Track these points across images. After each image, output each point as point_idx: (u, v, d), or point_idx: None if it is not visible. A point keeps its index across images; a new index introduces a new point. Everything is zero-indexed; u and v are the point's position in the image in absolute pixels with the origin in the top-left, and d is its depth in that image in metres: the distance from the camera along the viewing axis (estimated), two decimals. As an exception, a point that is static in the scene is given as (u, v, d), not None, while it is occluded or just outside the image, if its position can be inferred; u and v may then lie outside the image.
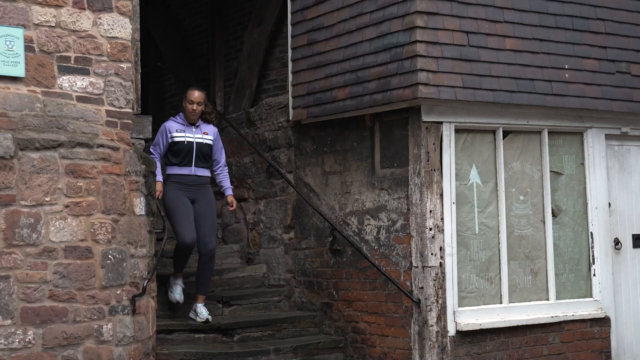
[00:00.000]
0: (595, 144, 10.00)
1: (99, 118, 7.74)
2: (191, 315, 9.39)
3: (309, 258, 10.25)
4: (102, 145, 7.55)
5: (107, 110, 7.82)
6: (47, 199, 7.25)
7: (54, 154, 7.31)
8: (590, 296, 9.91)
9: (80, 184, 7.40)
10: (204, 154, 9.38)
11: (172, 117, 9.47)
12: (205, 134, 9.42)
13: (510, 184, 9.52)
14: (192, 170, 9.32)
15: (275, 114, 10.71)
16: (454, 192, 9.05)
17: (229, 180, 9.68)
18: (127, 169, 7.74)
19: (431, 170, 8.91)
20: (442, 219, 8.94)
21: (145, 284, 7.90)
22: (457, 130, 9.15)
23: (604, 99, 9.82)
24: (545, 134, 9.70)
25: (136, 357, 7.74)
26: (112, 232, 7.55)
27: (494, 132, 9.43)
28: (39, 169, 7.24)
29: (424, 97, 8.72)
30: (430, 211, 8.88)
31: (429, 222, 8.87)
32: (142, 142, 8.36)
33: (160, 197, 9.04)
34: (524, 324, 9.34)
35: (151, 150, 9.31)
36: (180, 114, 9.46)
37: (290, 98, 10.33)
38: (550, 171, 9.76)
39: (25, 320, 7.13)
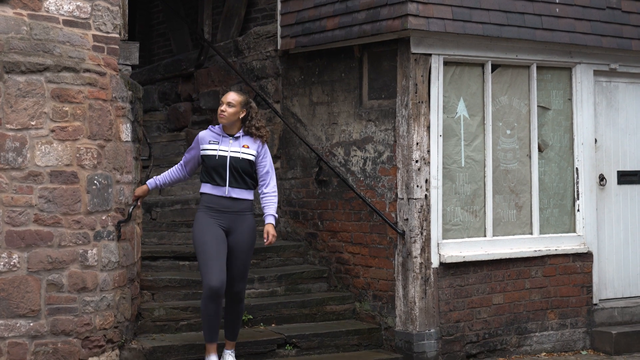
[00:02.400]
0: (583, 80, 9.99)
1: (86, 42, 7.67)
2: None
3: (295, 188, 10.27)
4: (88, 70, 7.50)
5: (94, 35, 7.74)
6: (33, 123, 7.21)
7: (40, 78, 7.26)
8: (574, 231, 9.97)
9: (66, 108, 7.36)
10: (242, 172, 7.77)
11: (210, 126, 7.98)
12: (246, 147, 7.80)
13: (498, 117, 9.51)
14: (226, 191, 7.73)
15: (263, 43, 10.64)
16: (441, 125, 9.04)
17: (274, 207, 7.90)
18: (113, 95, 7.69)
19: (419, 102, 8.90)
20: (428, 151, 8.94)
21: (130, 210, 7.91)
22: (445, 63, 9.11)
23: (593, 34, 9.78)
24: (534, 68, 9.67)
25: (121, 282, 7.77)
26: (98, 158, 7.53)
27: (482, 65, 9.40)
28: (24, 92, 7.19)
29: (413, 29, 8.67)
30: (417, 143, 8.88)
31: (415, 155, 8.88)
32: (129, 68, 8.30)
33: (134, 201, 7.98)
34: (507, 257, 9.40)
35: (185, 155, 8.06)
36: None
37: (279, 27, 10.26)
38: (538, 106, 9.76)
39: (10, 243, 7.14)
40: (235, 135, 7.85)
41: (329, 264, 9.76)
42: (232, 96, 7.84)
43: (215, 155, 7.75)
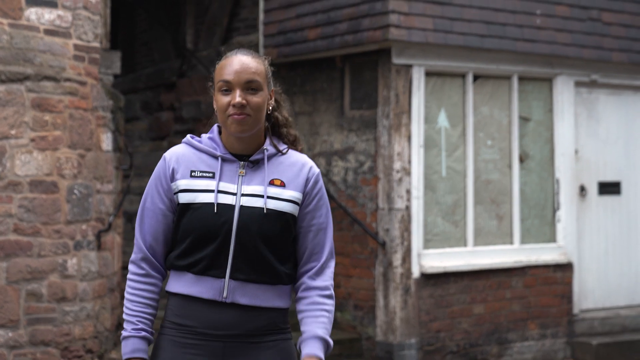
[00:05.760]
0: (564, 91, 10.03)
1: (67, 52, 7.66)
2: None
3: (276, 198, 10.25)
4: (69, 80, 7.49)
5: (74, 44, 7.74)
6: (13, 132, 7.20)
7: (21, 87, 7.25)
8: (554, 242, 10.00)
9: (47, 117, 7.35)
10: (266, 244, 3.46)
11: (189, 137, 3.71)
12: (277, 184, 3.58)
13: (479, 128, 9.54)
14: (224, 290, 3.41)
15: (245, 52, 10.63)
16: (422, 135, 9.06)
17: (326, 322, 3.47)
18: (94, 104, 7.69)
19: (400, 112, 8.92)
20: (409, 161, 8.96)
21: (111, 219, 7.90)
22: (427, 74, 9.14)
23: (574, 45, 9.83)
24: (515, 79, 9.70)
25: (101, 292, 7.75)
26: (78, 167, 7.52)
27: (463, 76, 9.43)
28: (5, 101, 7.17)
29: (395, 39, 8.69)
30: (398, 154, 8.90)
31: (397, 165, 8.90)
32: (110, 77, 8.30)
33: None
34: (488, 267, 9.41)
35: (136, 232, 3.56)
36: (214, 128, 3.74)
37: (261, 37, 10.26)
38: (519, 117, 9.79)
39: (-11, 253, 7.12)
40: (253, 158, 3.59)
41: (310, 273, 9.75)
42: (250, 62, 3.51)
43: (212, 205, 3.46)
